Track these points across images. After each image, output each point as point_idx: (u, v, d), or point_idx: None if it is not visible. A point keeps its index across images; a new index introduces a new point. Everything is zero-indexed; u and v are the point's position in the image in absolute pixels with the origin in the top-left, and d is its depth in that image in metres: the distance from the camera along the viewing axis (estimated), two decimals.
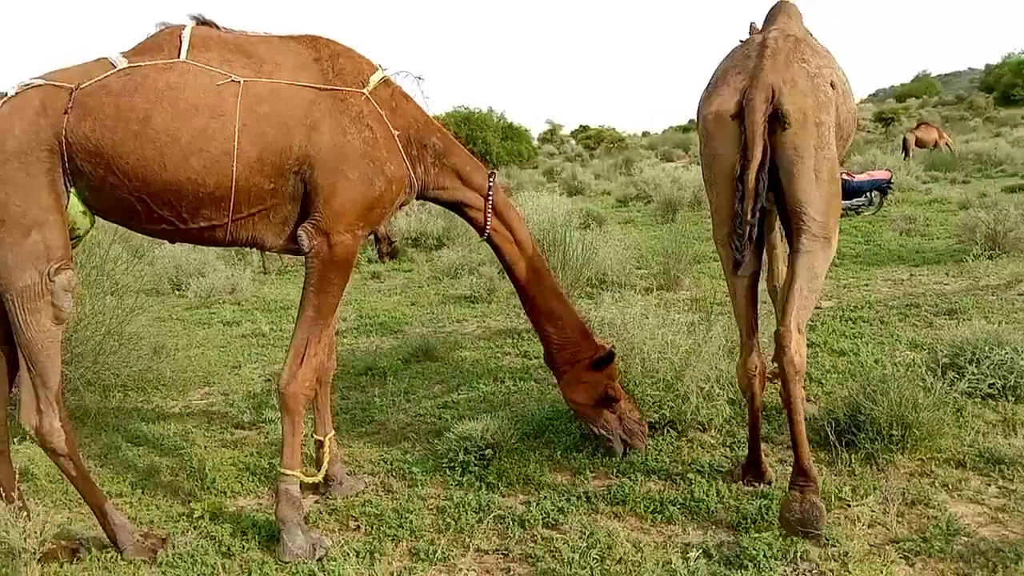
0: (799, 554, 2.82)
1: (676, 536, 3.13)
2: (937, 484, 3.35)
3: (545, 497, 3.47)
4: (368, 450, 4.24)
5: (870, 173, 12.69)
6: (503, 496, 3.58)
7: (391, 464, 3.99)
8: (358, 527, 3.38)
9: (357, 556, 3.11)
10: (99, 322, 5.35)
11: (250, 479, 3.91)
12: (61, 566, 3.12)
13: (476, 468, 3.76)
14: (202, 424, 4.78)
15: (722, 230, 3.32)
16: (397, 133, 3.43)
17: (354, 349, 6.42)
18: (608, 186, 24.14)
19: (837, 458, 3.59)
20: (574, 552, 2.98)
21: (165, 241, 4.01)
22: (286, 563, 3.08)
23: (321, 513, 3.52)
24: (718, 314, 4.66)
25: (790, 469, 3.14)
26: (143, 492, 3.83)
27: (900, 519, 3.06)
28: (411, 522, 3.33)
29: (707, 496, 3.36)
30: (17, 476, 3.28)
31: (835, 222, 3.22)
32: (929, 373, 3.85)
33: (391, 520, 3.36)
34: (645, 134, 65.31)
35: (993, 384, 4.13)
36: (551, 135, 53.43)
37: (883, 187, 12.35)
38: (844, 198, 12.15)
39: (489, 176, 3.76)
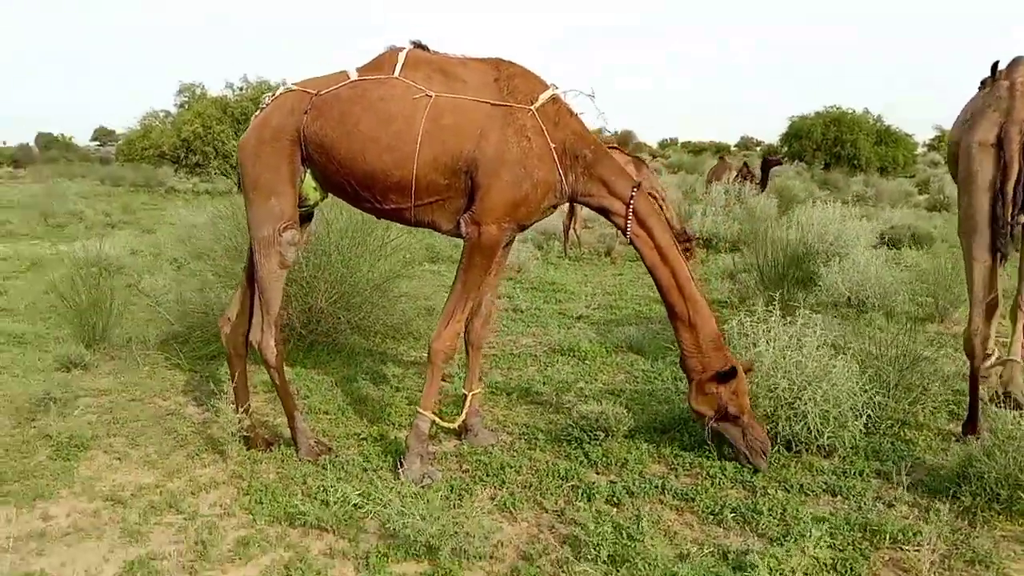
0: None
1: (715, 537, 3.33)
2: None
3: (627, 480, 3.83)
4: (523, 415, 4.85)
5: None
6: (596, 472, 4.00)
7: (529, 429, 4.57)
8: (466, 470, 4.05)
9: (451, 491, 3.77)
10: (370, 280, 6.59)
11: (407, 418, 4.69)
12: (256, 450, 4.22)
13: (587, 445, 4.21)
14: (416, 371, 5.75)
15: (969, 226, 4.29)
16: (554, 145, 3.99)
17: (581, 332, 6.99)
18: None
19: (930, 510, 3.43)
20: (610, 526, 3.33)
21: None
22: (401, 481, 3.84)
23: (449, 454, 4.25)
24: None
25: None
26: (342, 413, 4.87)
27: (945, 572, 2.94)
28: (506, 475, 3.91)
29: (769, 510, 3.46)
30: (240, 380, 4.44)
31: None
32: None
33: (493, 470, 3.98)
34: None
35: None
36: (939, 142, 48.10)
37: None
38: None
39: (633, 187, 4.13)
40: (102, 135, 71.65)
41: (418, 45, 4.29)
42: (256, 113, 4.39)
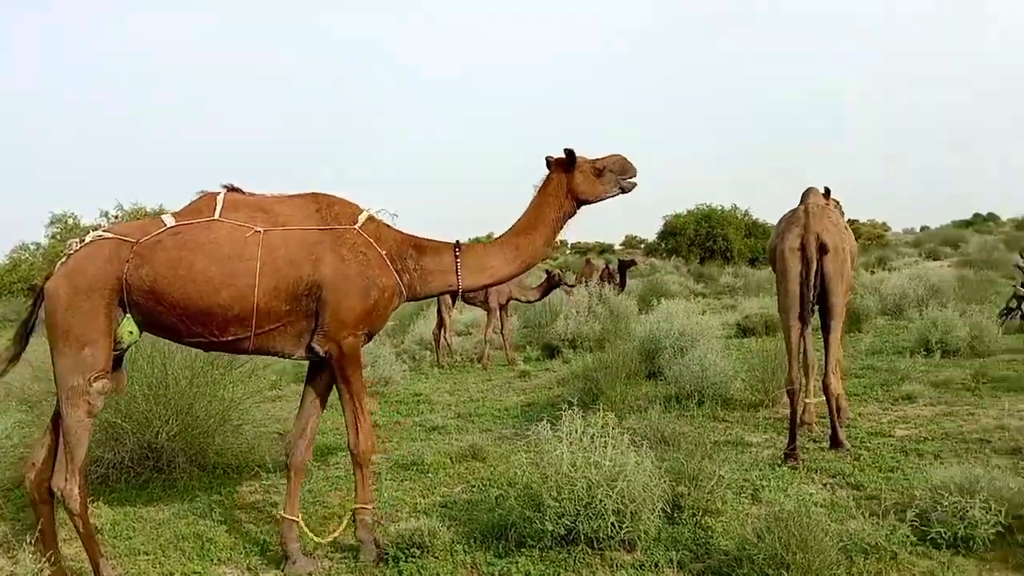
0: None
1: None
2: None
3: None
4: (352, 538, 4.84)
5: None
6: None
7: (353, 552, 4.57)
8: None
9: None
10: (212, 411, 6.53)
11: (228, 552, 4.70)
12: None
13: (403, 564, 4.27)
14: (252, 502, 5.69)
15: (785, 305, 6.12)
16: (385, 252, 4.38)
17: (431, 444, 7.05)
18: None
19: None
20: None
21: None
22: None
23: None
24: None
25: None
26: (163, 552, 4.76)
27: None
28: None
29: None
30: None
31: (844, 306, 6.22)
32: (865, 515, 3.79)
33: None
34: (924, 229, 61.86)
35: (940, 533, 3.90)
36: None
37: None
38: None
39: (454, 249, 4.58)
40: None
41: (232, 188, 4.51)
42: (63, 259, 4.34)
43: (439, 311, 12.78)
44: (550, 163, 4.66)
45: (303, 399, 4.63)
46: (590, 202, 4.67)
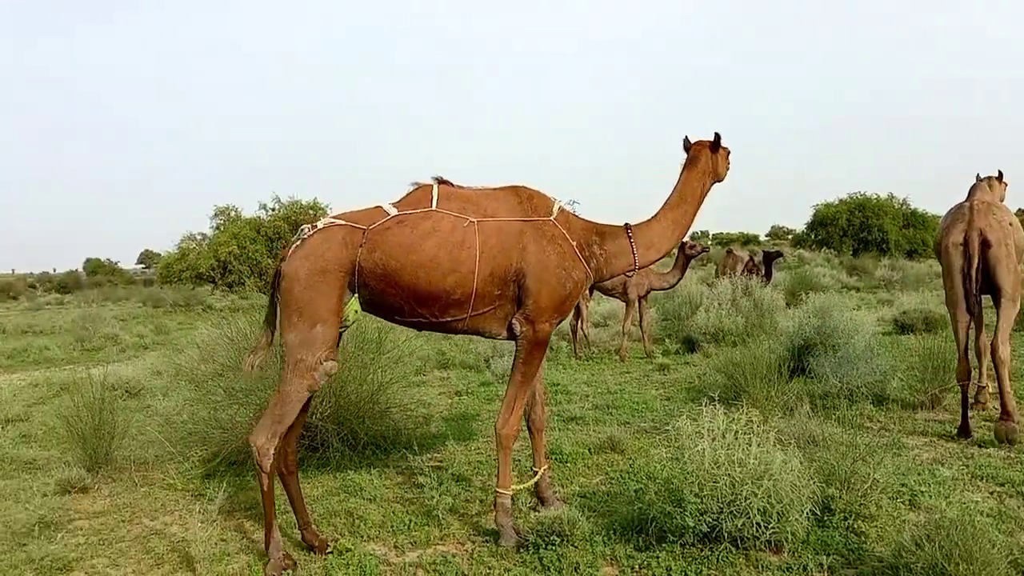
0: None
1: None
2: None
3: None
4: (493, 524, 4.96)
5: None
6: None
7: (494, 537, 4.67)
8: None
9: None
10: (362, 393, 6.84)
11: (377, 530, 4.92)
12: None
13: (543, 551, 4.32)
14: (399, 482, 5.91)
15: (952, 298, 6.41)
16: (575, 244, 4.70)
17: (569, 434, 7.10)
18: None
19: None
20: None
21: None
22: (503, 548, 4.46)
23: (408, 564, 4.37)
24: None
25: None
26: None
27: None
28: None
29: None
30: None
31: (1018, 294, 6.33)
32: None
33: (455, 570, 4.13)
34: None
35: None
36: None
37: None
38: None
39: (627, 230, 4.94)
40: (147, 258, 74.69)
41: (441, 180, 4.84)
42: (296, 242, 4.57)
43: (576, 302, 12.79)
44: (689, 144, 5.08)
45: None
46: (719, 181, 5.11)
